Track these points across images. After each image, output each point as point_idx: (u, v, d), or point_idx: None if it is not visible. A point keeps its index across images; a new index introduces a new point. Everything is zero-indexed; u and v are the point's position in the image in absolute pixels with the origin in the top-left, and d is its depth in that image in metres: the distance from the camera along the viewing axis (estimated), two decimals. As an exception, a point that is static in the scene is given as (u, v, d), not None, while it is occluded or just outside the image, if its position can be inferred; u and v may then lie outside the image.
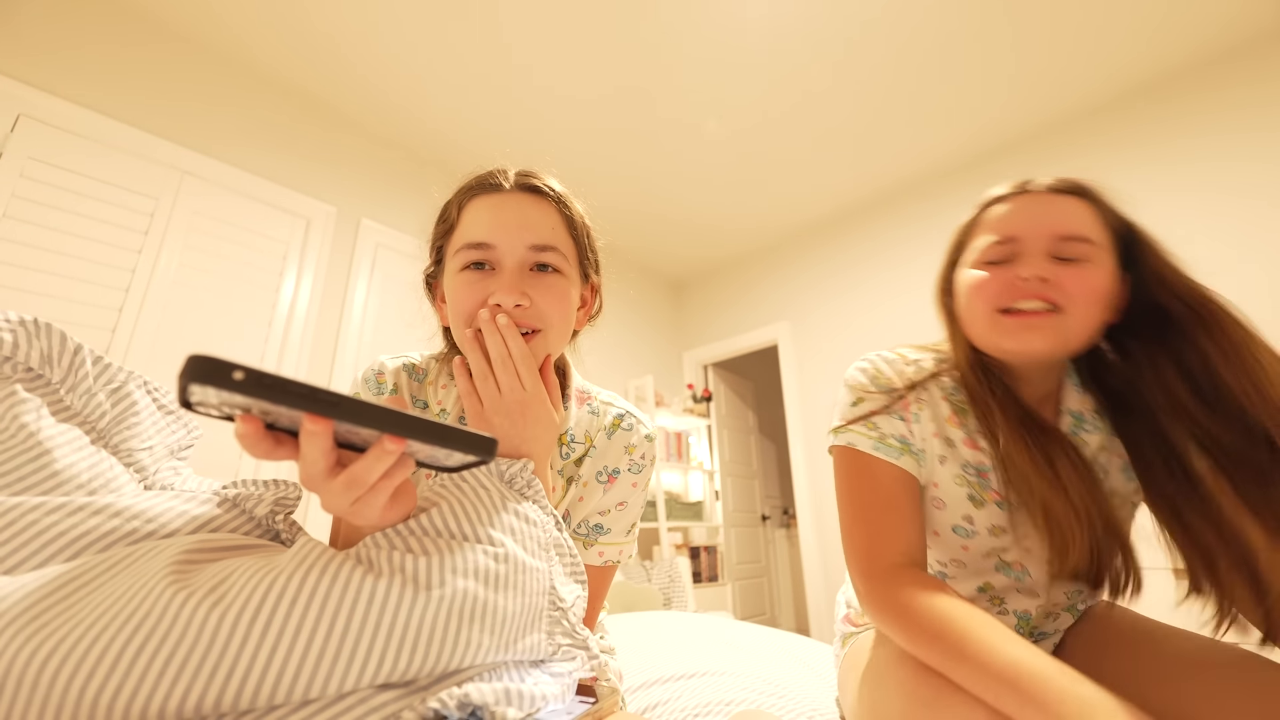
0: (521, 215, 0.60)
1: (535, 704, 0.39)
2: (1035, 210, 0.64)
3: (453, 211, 0.64)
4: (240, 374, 0.27)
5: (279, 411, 0.30)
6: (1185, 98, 2.51)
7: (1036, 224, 0.62)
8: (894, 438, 0.67)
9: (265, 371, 0.27)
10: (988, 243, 0.66)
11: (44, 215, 1.84)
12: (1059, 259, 0.61)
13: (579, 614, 0.49)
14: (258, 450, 0.32)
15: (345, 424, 0.30)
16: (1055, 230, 0.61)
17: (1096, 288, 0.60)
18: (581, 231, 0.66)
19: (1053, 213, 0.63)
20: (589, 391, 0.74)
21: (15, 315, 0.42)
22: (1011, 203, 0.66)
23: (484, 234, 0.59)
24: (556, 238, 0.61)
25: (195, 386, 0.27)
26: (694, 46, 2.37)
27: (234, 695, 0.28)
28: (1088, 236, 0.61)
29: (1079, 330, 0.61)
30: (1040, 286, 0.60)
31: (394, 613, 0.32)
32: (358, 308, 2.55)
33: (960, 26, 2.29)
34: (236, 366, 0.27)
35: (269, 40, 2.31)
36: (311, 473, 0.33)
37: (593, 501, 0.69)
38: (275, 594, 0.30)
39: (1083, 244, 0.61)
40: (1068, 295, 0.60)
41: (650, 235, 3.78)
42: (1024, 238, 0.63)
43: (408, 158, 2.95)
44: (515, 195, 0.61)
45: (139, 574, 0.30)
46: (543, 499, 0.51)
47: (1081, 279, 0.60)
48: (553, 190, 0.63)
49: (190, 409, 0.30)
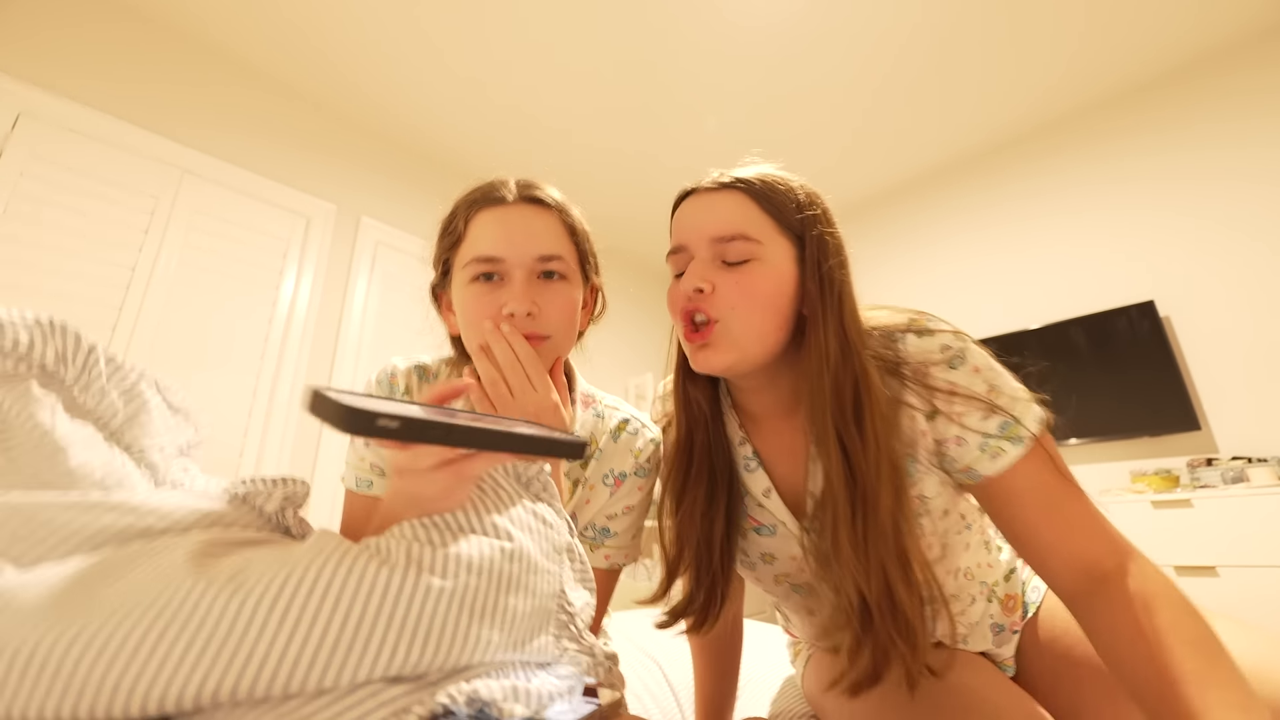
0: (527, 227, 0.62)
1: (542, 702, 0.39)
2: (696, 213, 0.59)
3: (459, 225, 0.65)
4: (395, 423, 0.29)
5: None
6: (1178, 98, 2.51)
7: (697, 228, 0.58)
8: None
9: (417, 417, 0.30)
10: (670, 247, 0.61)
11: (44, 213, 1.84)
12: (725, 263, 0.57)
13: (587, 620, 0.50)
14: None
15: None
16: (712, 233, 0.57)
17: (757, 289, 0.56)
18: (582, 237, 0.68)
19: (710, 214, 0.58)
20: (593, 395, 0.75)
21: (31, 314, 0.43)
22: (678, 209, 0.62)
23: (492, 248, 0.61)
24: (560, 246, 0.63)
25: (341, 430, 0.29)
26: (694, 47, 2.38)
27: (250, 681, 0.29)
28: (744, 233, 0.56)
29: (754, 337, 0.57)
30: (699, 300, 0.57)
31: (407, 604, 0.33)
32: (358, 305, 2.56)
33: (957, 29, 2.30)
34: (387, 415, 0.29)
35: (269, 39, 2.31)
36: (421, 465, 0.38)
37: (599, 504, 0.70)
38: (294, 582, 0.30)
39: (741, 242, 0.56)
40: (728, 301, 0.56)
41: (649, 232, 3.78)
42: (689, 244, 0.59)
43: (408, 155, 2.95)
44: (519, 207, 0.63)
45: (158, 564, 0.31)
46: (557, 503, 0.51)
47: (740, 282, 0.56)
48: (554, 200, 0.66)
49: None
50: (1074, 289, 2.65)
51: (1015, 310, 2.79)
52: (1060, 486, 0.54)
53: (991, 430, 0.54)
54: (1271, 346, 2.16)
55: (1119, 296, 2.51)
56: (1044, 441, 0.54)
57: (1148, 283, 2.46)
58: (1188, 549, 1.95)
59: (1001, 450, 0.54)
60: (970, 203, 3.08)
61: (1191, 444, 2.27)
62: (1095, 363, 2.47)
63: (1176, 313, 2.37)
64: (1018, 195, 2.92)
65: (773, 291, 0.56)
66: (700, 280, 0.57)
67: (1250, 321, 2.21)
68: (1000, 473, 0.54)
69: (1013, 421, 0.54)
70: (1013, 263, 2.88)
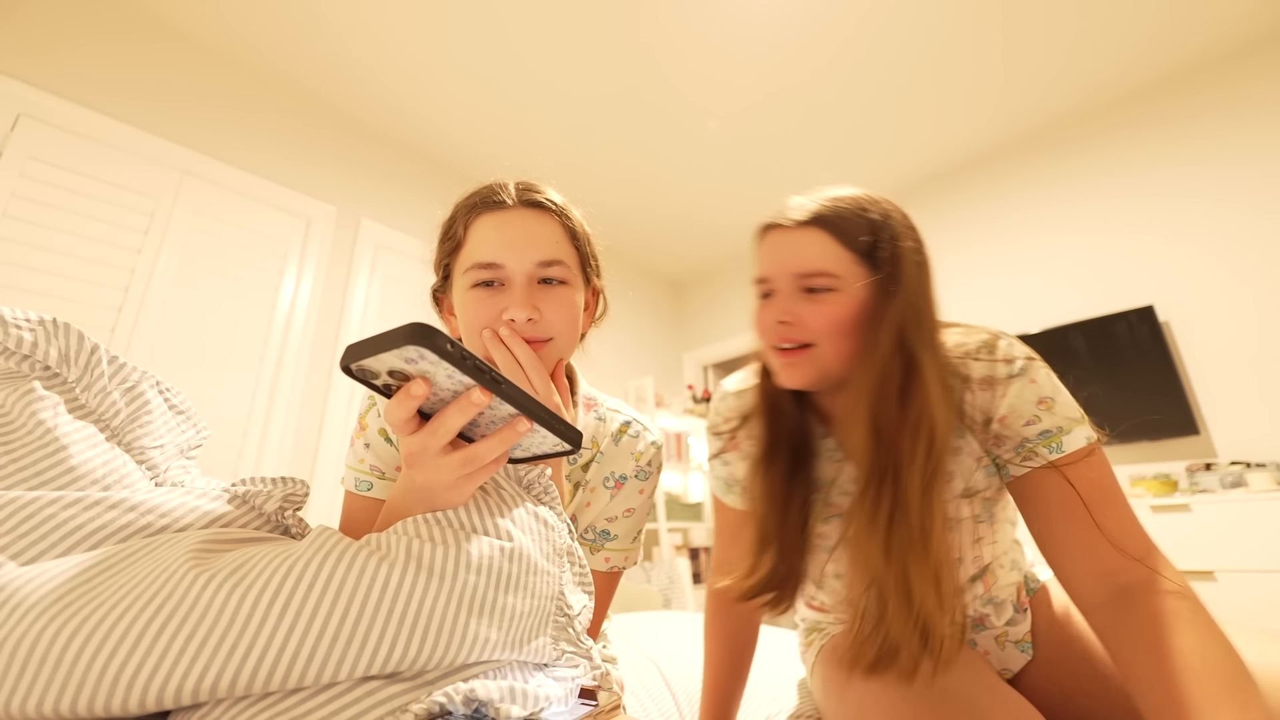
0: (527, 232, 0.62)
1: (539, 704, 0.39)
2: (780, 250, 0.65)
3: (459, 230, 0.65)
4: (450, 345, 0.33)
5: (441, 389, 0.36)
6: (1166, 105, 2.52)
7: (781, 264, 0.64)
8: (724, 482, 0.78)
9: (463, 347, 0.34)
10: (757, 276, 0.68)
11: (44, 215, 1.84)
12: (808, 290, 0.62)
13: (584, 623, 0.50)
14: (405, 415, 0.36)
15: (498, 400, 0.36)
16: (796, 269, 0.62)
17: (838, 319, 0.61)
18: (583, 240, 0.68)
19: (794, 251, 0.63)
20: (595, 398, 0.75)
21: (35, 315, 0.43)
22: (761, 241, 0.68)
23: (492, 254, 0.60)
24: (561, 250, 0.63)
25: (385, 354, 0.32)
26: (694, 46, 2.38)
27: (250, 675, 0.29)
28: (827, 270, 0.61)
29: (835, 359, 0.63)
30: (785, 330, 0.63)
31: (406, 600, 0.33)
32: (357, 308, 2.56)
33: (957, 30, 2.31)
34: (448, 339, 0.33)
35: (269, 40, 2.32)
36: (435, 445, 0.38)
37: (599, 507, 0.70)
38: (294, 577, 0.30)
39: (824, 278, 0.61)
40: (812, 331, 0.62)
41: (650, 235, 3.79)
42: (773, 277, 0.65)
43: (409, 158, 2.96)
44: (519, 212, 0.63)
45: (159, 560, 0.31)
46: (558, 506, 0.52)
47: (822, 314, 0.61)
48: (554, 203, 0.65)
49: (350, 374, 0.36)
50: (1074, 293, 2.66)
51: (1015, 314, 2.80)
52: (1098, 497, 0.57)
53: (1034, 435, 0.59)
54: (1271, 352, 2.16)
55: (1119, 301, 2.51)
56: (1090, 452, 0.58)
57: (1147, 288, 2.47)
58: (1186, 554, 1.95)
59: (1037, 454, 0.59)
60: (969, 206, 3.09)
61: (1190, 449, 2.27)
62: (1095, 367, 2.47)
63: (1176, 318, 2.37)
64: (1016, 199, 2.93)
65: (852, 318, 0.62)
66: (784, 314, 0.63)
67: (1250, 326, 2.22)
68: (1038, 469, 0.59)
69: (1057, 431, 0.59)
70: (1012, 267, 2.89)
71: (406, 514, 0.43)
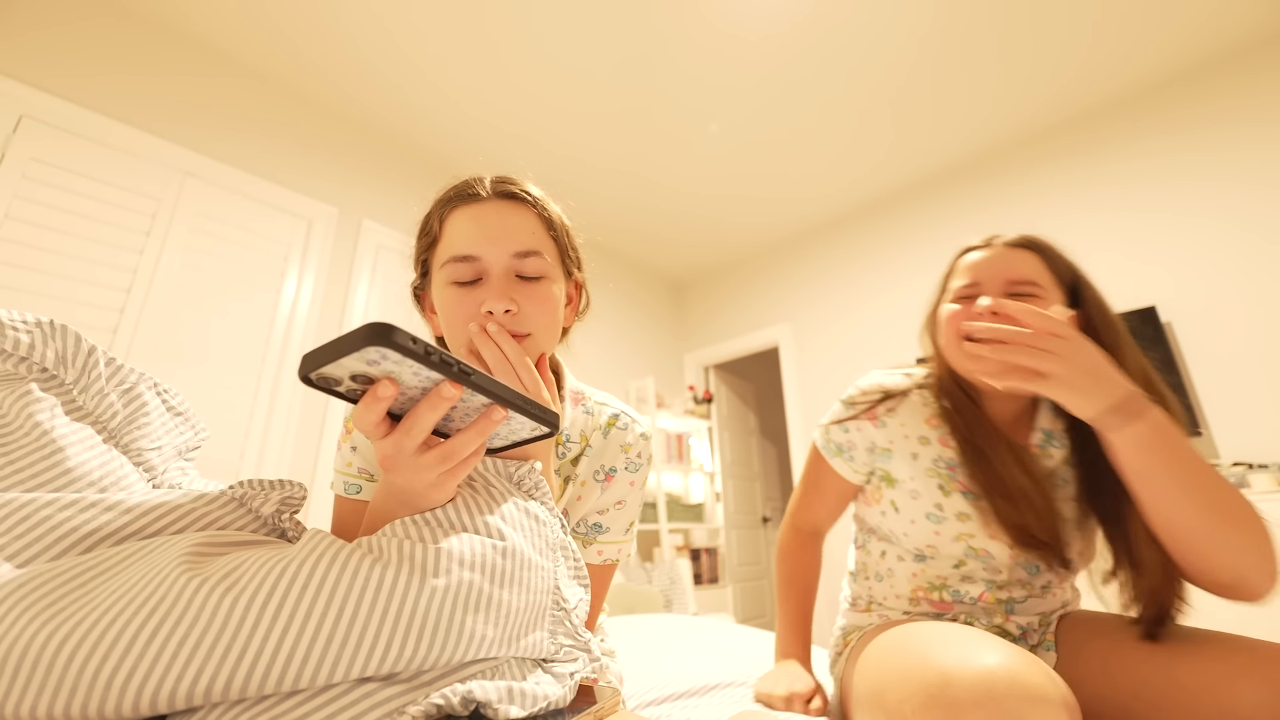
0: (502, 223, 0.61)
1: (538, 703, 0.39)
2: (994, 260, 0.77)
3: (434, 224, 0.64)
4: (413, 341, 0.32)
5: (409, 387, 0.35)
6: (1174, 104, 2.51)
7: (994, 271, 0.76)
8: (836, 444, 0.87)
9: (426, 342, 0.33)
10: (959, 284, 0.79)
11: (46, 216, 1.84)
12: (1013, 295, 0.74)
13: (581, 617, 0.50)
14: (375, 419, 0.35)
15: (469, 391, 0.36)
16: (1009, 276, 0.75)
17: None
18: (561, 231, 0.67)
19: (1008, 262, 0.76)
20: (583, 392, 0.75)
21: (32, 316, 0.43)
22: (978, 253, 0.80)
23: (468, 246, 0.60)
24: (538, 241, 0.62)
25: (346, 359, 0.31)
26: (695, 48, 2.39)
27: (244, 678, 0.28)
28: (1035, 280, 0.74)
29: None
30: (991, 319, 0.69)
31: (400, 599, 0.33)
32: (359, 309, 2.56)
33: (957, 31, 2.30)
34: (409, 335, 0.32)
35: (271, 42, 2.32)
36: (410, 445, 0.37)
37: (590, 500, 0.70)
38: (287, 580, 0.30)
39: (1031, 286, 0.74)
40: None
41: (651, 237, 3.79)
42: (984, 281, 0.76)
43: (410, 159, 2.96)
44: (494, 203, 0.62)
45: (153, 563, 0.31)
46: (549, 500, 0.51)
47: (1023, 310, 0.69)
48: (530, 194, 0.64)
49: (310, 383, 0.34)
50: (1074, 294, 2.65)
51: (1016, 315, 2.79)
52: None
53: None
54: (1274, 353, 2.16)
55: (1121, 301, 2.50)
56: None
57: (1150, 288, 2.46)
58: (1189, 555, 1.94)
59: None
60: (973, 207, 3.08)
61: (1192, 449, 2.26)
62: (1096, 367, 2.46)
63: (1178, 318, 2.37)
64: (1020, 200, 2.92)
65: None
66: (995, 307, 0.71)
67: (1253, 327, 2.21)
68: None
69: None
70: (1013, 267, 2.88)
71: (390, 518, 0.42)
